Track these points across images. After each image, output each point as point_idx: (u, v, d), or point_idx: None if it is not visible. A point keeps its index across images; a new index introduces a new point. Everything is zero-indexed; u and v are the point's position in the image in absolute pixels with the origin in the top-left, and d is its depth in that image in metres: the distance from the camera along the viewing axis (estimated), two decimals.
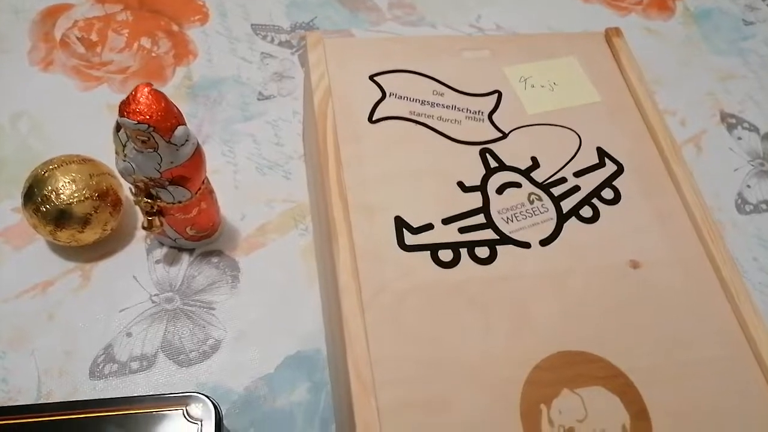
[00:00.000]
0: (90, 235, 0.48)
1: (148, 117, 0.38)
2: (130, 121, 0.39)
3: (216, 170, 0.55)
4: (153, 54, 0.61)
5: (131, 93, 0.39)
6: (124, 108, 0.39)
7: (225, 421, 0.44)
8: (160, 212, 0.46)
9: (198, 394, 0.37)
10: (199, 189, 0.46)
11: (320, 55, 0.46)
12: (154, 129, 0.39)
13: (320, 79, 0.45)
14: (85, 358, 0.46)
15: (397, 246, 0.40)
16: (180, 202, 0.45)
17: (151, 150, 0.40)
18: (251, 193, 0.55)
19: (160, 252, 0.51)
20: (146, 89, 0.39)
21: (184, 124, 0.41)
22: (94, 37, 0.61)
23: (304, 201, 0.55)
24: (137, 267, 0.50)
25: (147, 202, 0.45)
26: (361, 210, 0.41)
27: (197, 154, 0.43)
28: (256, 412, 0.45)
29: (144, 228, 0.47)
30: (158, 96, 0.39)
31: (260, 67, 0.62)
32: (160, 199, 0.45)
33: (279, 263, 0.52)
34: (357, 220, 0.40)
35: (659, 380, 0.37)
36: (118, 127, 0.41)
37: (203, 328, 0.48)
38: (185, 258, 0.51)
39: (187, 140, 0.41)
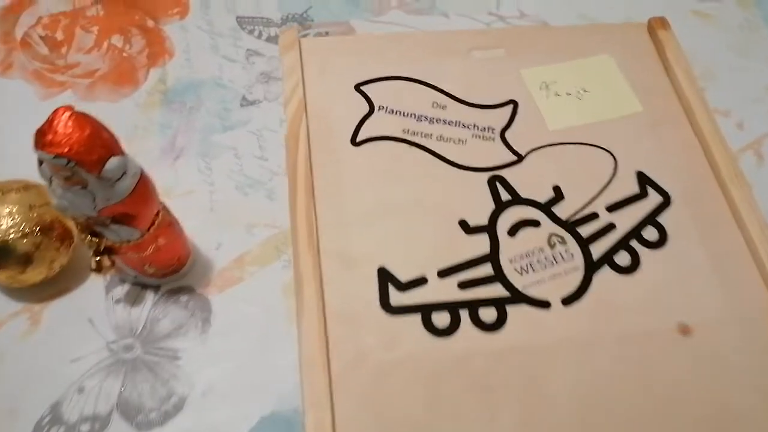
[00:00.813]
0: (34, 275, 0.40)
1: (66, 150, 0.30)
2: (46, 154, 0.30)
3: (190, 190, 0.47)
4: (124, 54, 0.52)
5: (48, 118, 0.31)
6: (39, 138, 0.30)
7: None
8: (110, 251, 0.38)
9: None
10: (153, 224, 0.37)
11: (294, 60, 0.37)
12: (76, 163, 0.31)
13: (293, 90, 0.36)
14: (28, 418, 0.39)
15: (380, 307, 0.31)
16: (129, 241, 0.37)
17: (80, 187, 0.32)
18: (229, 217, 0.46)
19: (120, 290, 0.43)
20: (65, 114, 0.30)
21: (119, 153, 0.32)
22: (59, 35, 0.53)
23: (290, 226, 0.46)
24: (94, 308, 0.43)
25: (91, 240, 0.37)
26: (337, 259, 0.32)
27: (142, 187, 0.34)
28: None
29: (93, 270, 0.39)
30: (81, 122, 0.31)
31: (245, 67, 0.53)
32: (105, 237, 0.37)
33: (258, 302, 0.43)
34: (330, 272, 0.32)
35: None
36: (40, 161, 0.33)
37: (166, 382, 0.41)
38: (149, 297, 0.43)
39: (124, 173, 0.33)
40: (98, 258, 0.38)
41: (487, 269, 0.32)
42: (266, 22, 0.56)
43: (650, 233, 0.34)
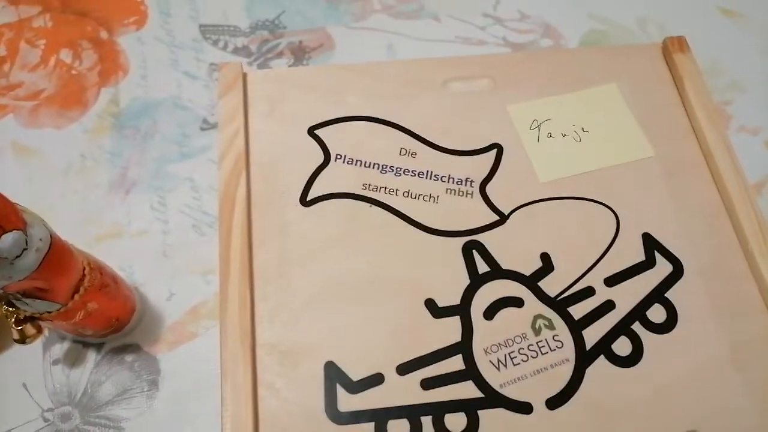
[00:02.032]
0: None
1: None
2: None
3: (142, 230, 0.42)
4: (73, 71, 0.47)
5: None
6: None
7: None
8: (34, 318, 0.33)
9: None
10: (77, 290, 0.32)
11: (236, 100, 0.31)
12: None
13: (231, 141, 0.30)
14: None
15: (325, 414, 0.26)
16: (49, 312, 0.32)
17: None
18: (184, 262, 0.41)
19: (59, 348, 0.39)
20: None
21: (16, 227, 0.27)
22: (1, 51, 0.47)
23: (218, 310, 0.41)
24: (29, 370, 0.38)
25: (8, 310, 0.32)
26: (274, 352, 0.27)
27: (53, 259, 0.29)
28: None
29: (16, 341, 0.34)
30: None
31: (207, 84, 0.47)
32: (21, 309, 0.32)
33: (214, 362, 0.38)
34: (266, 369, 0.26)
35: None
36: None
37: None
38: (91, 356, 0.38)
39: (25, 249, 0.28)
40: (20, 327, 0.33)
41: (456, 363, 0.27)
42: (233, 30, 0.49)
43: (657, 313, 0.28)
